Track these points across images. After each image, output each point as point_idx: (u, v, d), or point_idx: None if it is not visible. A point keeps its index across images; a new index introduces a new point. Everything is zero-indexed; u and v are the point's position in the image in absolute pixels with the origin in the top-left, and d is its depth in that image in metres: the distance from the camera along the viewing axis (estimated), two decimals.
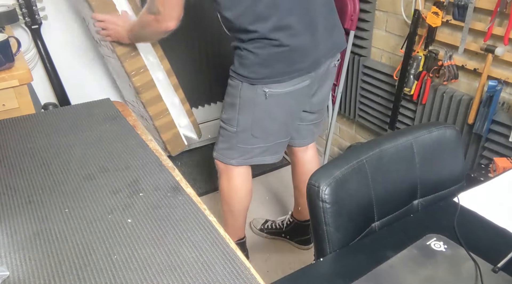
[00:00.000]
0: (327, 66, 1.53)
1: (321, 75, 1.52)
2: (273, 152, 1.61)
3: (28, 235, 0.79)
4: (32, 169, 0.98)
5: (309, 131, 1.76)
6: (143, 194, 0.90)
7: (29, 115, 1.22)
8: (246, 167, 1.67)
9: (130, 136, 1.11)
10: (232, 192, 1.69)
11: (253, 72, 1.39)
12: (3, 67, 1.48)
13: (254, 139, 1.54)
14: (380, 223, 1.02)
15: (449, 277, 0.78)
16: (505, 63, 1.57)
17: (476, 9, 1.58)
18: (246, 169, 1.67)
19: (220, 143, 1.61)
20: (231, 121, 1.52)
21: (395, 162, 1.02)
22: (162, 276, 0.70)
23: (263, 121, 1.50)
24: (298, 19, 1.35)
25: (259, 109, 1.46)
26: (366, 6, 2.02)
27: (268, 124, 1.51)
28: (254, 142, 1.55)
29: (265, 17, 1.31)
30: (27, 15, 1.87)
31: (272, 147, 1.59)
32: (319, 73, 1.49)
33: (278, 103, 1.46)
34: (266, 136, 1.54)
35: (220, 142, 1.61)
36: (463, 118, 1.74)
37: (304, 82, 1.45)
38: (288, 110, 1.51)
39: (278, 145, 1.60)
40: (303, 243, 2.06)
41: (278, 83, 1.41)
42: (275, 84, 1.41)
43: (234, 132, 1.53)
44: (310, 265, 0.85)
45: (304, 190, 1.90)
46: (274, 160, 1.65)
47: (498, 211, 0.95)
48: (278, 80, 1.40)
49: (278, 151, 1.63)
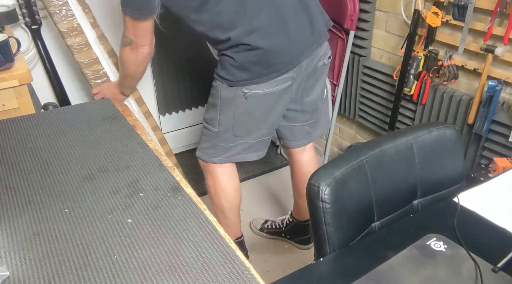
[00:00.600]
0: (313, 65, 1.52)
1: (306, 75, 1.52)
2: (255, 149, 1.63)
3: (28, 235, 0.79)
4: (32, 169, 0.98)
5: (304, 132, 1.75)
6: (143, 194, 0.90)
7: (29, 115, 1.22)
8: (231, 166, 1.68)
9: (130, 136, 1.11)
10: (218, 191, 1.70)
11: (232, 74, 1.42)
12: (3, 67, 1.48)
13: (236, 137, 1.56)
14: (380, 223, 1.02)
15: (449, 277, 0.78)
16: (505, 63, 1.57)
17: (476, 9, 1.58)
18: (230, 167, 1.68)
19: (202, 142, 1.64)
20: (213, 121, 1.55)
21: (395, 162, 1.02)
22: (162, 276, 0.70)
23: (243, 121, 1.52)
24: (268, 20, 1.37)
25: (239, 110, 1.48)
26: (366, 6, 2.02)
27: (249, 123, 1.53)
28: (235, 139, 1.57)
29: (233, 25, 1.35)
30: (27, 15, 1.87)
31: (254, 145, 1.60)
32: (302, 73, 1.49)
33: (258, 104, 1.48)
34: (246, 133, 1.56)
35: (203, 141, 1.64)
36: (463, 118, 1.74)
37: (285, 84, 1.46)
38: (269, 110, 1.52)
39: (260, 143, 1.61)
40: (303, 242, 2.06)
41: (257, 84, 1.42)
42: (254, 86, 1.43)
43: (215, 132, 1.56)
44: (310, 265, 0.85)
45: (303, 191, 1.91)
46: (257, 157, 1.65)
47: (498, 211, 0.95)
48: (256, 82, 1.42)
49: (261, 148, 1.64)
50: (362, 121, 2.30)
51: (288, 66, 1.43)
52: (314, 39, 1.48)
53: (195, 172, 2.58)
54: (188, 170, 2.59)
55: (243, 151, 1.60)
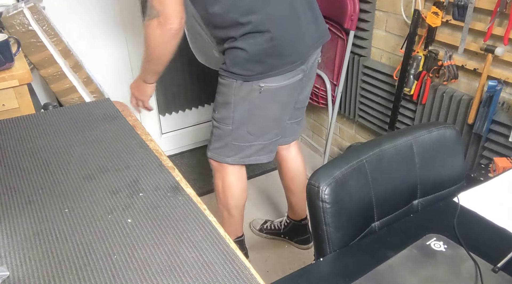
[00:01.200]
0: (313, 61, 1.54)
1: (309, 69, 1.54)
2: (268, 151, 1.62)
3: (28, 235, 0.79)
4: (32, 169, 0.98)
5: (292, 130, 1.78)
6: (143, 194, 0.90)
7: (29, 115, 1.22)
8: (240, 166, 1.68)
9: (130, 136, 1.11)
10: (226, 190, 1.70)
11: (247, 69, 1.39)
12: (3, 67, 1.48)
13: (250, 136, 1.54)
14: (380, 223, 1.02)
15: (449, 277, 0.78)
16: (505, 63, 1.57)
17: (476, 9, 1.58)
18: (240, 167, 1.68)
19: (214, 142, 1.61)
20: (226, 120, 1.52)
21: (395, 162, 1.02)
22: (162, 276, 0.70)
23: (258, 118, 1.50)
24: (284, 10, 1.36)
25: (254, 106, 1.47)
26: (366, 6, 2.02)
27: (263, 120, 1.52)
28: (250, 139, 1.55)
29: (253, 9, 1.31)
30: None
31: (268, 145, 1.60)
32: (309, 67, 1.51)
33: (272, 98, 1.47)
34: (261, 133, 1.55)
35: (214, 141, 1.61)
36: (463, 118, 1.74)
37: (298, 76, 1.46)
38: (282, 105, 1.52)
39: (273, 143, 1.61)
40: (302, 242, 2.06)
41: (273, 77, 1.41)
42: (269, 78, 1.41)
43: (229, 130, 1.53)
44: (310, 265, 0.85)
45: (294, 187, 1.94)
46: (269, 159, 1.65)
47: (498, 211, 0.95)
48: (272, 74, 1.41)
49: (273, 149, 1.65)
50: (362, 121, 2.30)
51: (300, 59, 1.43)
52: (318, 36, 1.51)
53: (195, 172, 2.58)
54: (188, 170, 2.59)
55: (256, 152, 1.59)
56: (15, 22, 1.70)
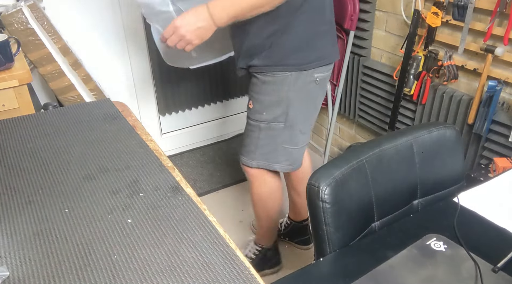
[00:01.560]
0: None
1: None
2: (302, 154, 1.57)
3: (28, 235, 0.79)
4: (32, 169, 0.98)
5: None
6: (143, 194, 0.90)
7: (29, 115, 1.22)
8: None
9: (130, 136, 1.11)
10: (269, 195, 1.65)
11: (302, 56, 1.31)
12: (3, 67, 1.48)
13: (301, 135, 1.46)
14: (380, 223, 1.02)
15: (449, 277, 0.78)
16: (505, 63, 1.57)
17: (476, 9, 1.58)
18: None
19: (260, 148, 1.48)
20: (278, 118, 1.41)
21: (395, 162, 1.02)
22: (162, 276, 0.70)
23: (312, 113, 1.43)
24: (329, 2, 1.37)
25: (310, 99, 1.39)
26: (366, 6, 2.02)
27: (314, 115, 1.46)
28: (300, 141, 1.47)
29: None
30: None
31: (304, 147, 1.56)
32: None
33: (322, 90, 1.41)
34: (309, 131, 1.49)
35: (260, 147, 1.47)
36: (463, 118, 1.74)
37: (331, 67, 1.42)
38: (322, 99, 1.47)
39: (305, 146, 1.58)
40: (303, 243, 2.06)
41: (325, 66, 1.37)
42: (322, 68, 1.37)
43: (281, 129, 1.42)
44: (310, 265, 0.85)
45: (302, 188, 1.91)
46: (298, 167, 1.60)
47: (498, 211, 0.95)
48: (324, 63, 1.36)
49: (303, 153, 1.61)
50: (362, 122, 2.30)
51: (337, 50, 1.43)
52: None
53: (195, 172, 2.58)
54: (188, 170, 2.59)
55: (300, 157, 1.53)
56: (14, 20, 1.70)
